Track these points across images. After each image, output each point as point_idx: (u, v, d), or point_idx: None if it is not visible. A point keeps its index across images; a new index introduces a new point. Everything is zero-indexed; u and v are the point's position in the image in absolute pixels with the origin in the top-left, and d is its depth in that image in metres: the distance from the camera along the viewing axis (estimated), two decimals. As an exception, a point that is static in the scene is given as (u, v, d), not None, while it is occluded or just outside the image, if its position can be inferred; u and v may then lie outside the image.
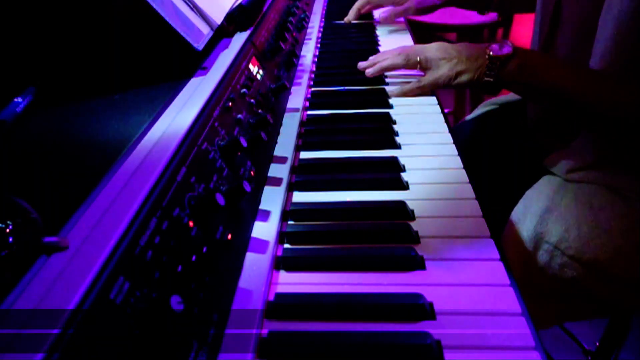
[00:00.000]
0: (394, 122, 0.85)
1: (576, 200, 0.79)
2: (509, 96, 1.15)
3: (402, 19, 1.40)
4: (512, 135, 1.07)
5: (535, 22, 0.97)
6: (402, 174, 0.70)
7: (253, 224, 0.59)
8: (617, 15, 0.70)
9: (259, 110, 0.75)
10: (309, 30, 1.29)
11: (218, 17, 0.79)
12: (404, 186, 0.68)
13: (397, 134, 0.82)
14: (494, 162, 1.03)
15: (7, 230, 0.33)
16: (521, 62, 0.80)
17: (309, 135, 0.84)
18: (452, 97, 2.49)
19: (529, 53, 0.83)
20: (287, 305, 0.50)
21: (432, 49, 0.90)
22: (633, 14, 0.68)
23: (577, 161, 0.82)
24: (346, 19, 1.39)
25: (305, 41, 1.22)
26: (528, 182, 0.88)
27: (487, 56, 0.82)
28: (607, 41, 0.73)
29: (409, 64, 0.92)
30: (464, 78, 0.86)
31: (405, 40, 1.27)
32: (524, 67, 0.80)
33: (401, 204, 0.63)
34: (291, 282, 0.54)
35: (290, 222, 0.63)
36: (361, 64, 1.01)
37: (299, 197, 0.68)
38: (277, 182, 0.67)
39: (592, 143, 0.83)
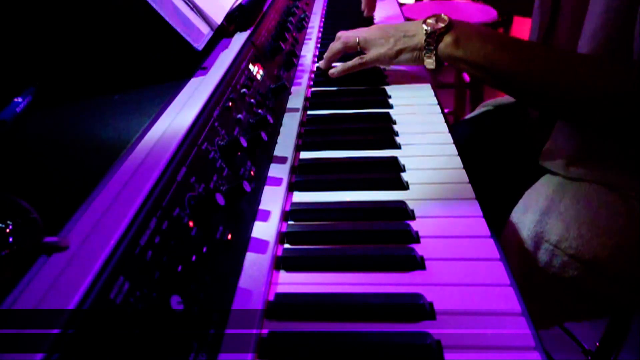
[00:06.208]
0: (394, 122, 0.85)
1: (576, 200, 0.79)
2: (508, 97, 1.14)
3: (402, 19, 1.40)
4: (511, 135, 1.07)
5: (534, 13, 0.97)
6: (402, 174, 0.70)
7: (253, 224, 0.59)
8: None
9: (259, 110, 0.75)
10: (309, 30, 1.29)
11: (218, 17, 0.79)
12: (404, 186, 0.68)
13: (397, 134, 0.81)
14: (493, 162, 1.03)
15: (7, 230, 0.33)
16: (457, 35, 0.80)
17: (309, 135, 0.84)
18: (452, 97, 2.49)
19: (465, 26, 0.82)
20: (287, 306, 0.50)
21: (371, 30, 0.94)
22: None
23: (568, 153, 0.82)
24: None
25: (305, 41, 1.21)
26: (528, 181, 0.88)
27: (424, 32, 0.82)
28: (597, 19, 0.72)
29: (348, 46, 0.95)
30: (404, 57, 0.89)
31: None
32: (460, 40, 0.80)
33: (401, 204, 0.63)
34: (291, 282, 0.54)
35: (290, 222, 0.63)
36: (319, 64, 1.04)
37: (299, 197, 0.68)
38: (277, 182, 0.67)
39: (570, 132, 0.82)
